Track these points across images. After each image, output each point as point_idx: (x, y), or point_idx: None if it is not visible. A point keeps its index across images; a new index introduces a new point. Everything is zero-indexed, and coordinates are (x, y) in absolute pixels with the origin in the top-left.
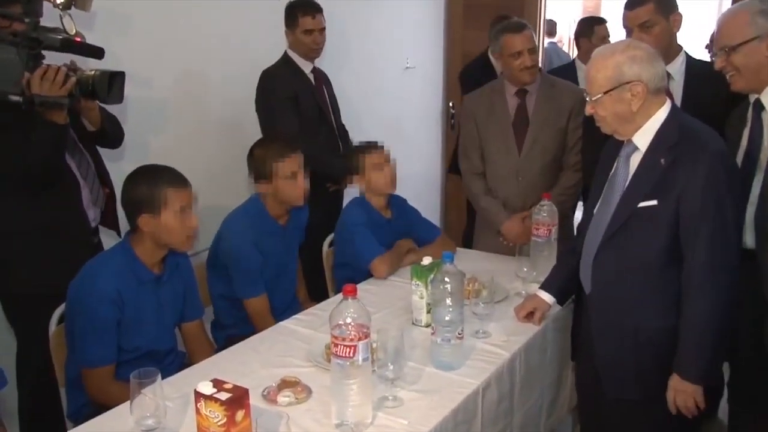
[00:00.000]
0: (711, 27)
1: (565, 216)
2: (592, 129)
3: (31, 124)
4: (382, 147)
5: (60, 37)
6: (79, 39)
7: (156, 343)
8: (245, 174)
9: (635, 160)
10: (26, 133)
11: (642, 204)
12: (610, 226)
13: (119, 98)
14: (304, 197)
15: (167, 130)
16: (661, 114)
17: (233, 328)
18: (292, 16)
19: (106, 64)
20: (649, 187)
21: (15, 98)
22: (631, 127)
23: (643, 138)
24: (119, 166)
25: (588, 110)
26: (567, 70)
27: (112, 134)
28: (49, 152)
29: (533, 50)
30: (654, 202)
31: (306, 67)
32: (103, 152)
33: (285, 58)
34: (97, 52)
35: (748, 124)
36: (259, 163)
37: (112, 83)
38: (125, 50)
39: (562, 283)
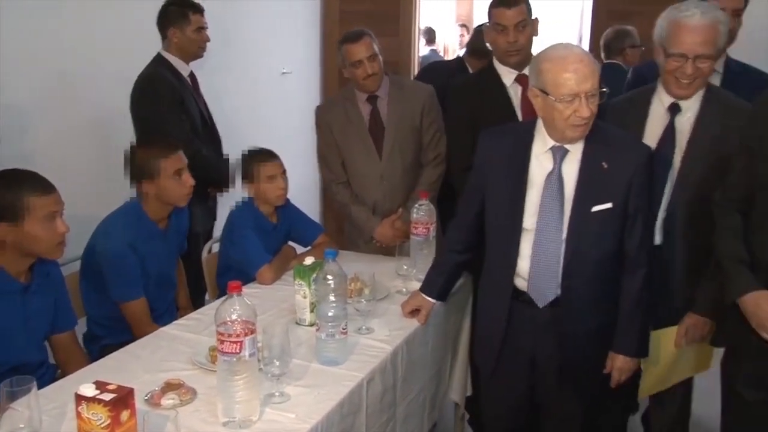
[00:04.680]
0: (572, 32)
1: None
2: (462, 132)
3: None
4: (278, 158)
5: None
6: None
7: (24, 356)
8: (119, 179)
9: (569, 164)
10: None
11: (596, 208)
12: (571, 234)
13: None
14: (188, 196)
15: (38, 132)
16: None
17: (108, 338)
18: (181, 13)
19: None
20: (599, 192)
21: None
22: None
23: (577, 141)
24: None
25: (593, 109)
26: None
27: None
28: None
29: (373, 57)
30: (609, 205)
31: (184, 70)
32: None
33: (160, 60)
34: None
35: (649, 118)
36: (143, 163)
37: None
38: None
39: (443, 284)
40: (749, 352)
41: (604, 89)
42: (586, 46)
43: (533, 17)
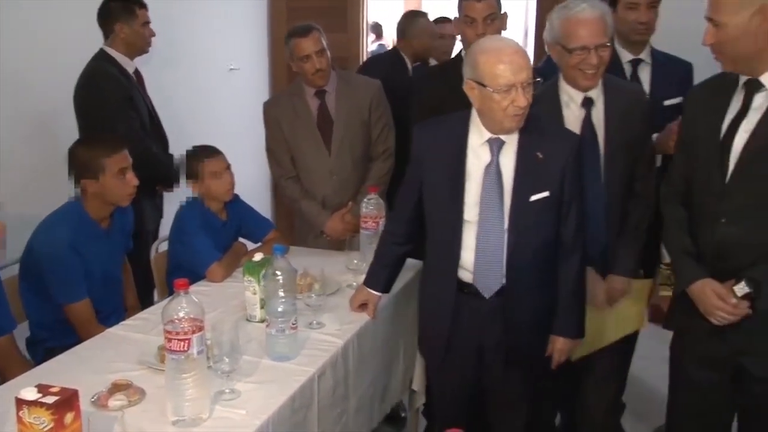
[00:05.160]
0: (518, 26)
1: None
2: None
3: None
4: (221, 153)
5: None
6: None
7: None
8: (58, 180)
9: (506, 155)
10: None
11: (534, 197)
12: (513, 224)
13: None
14: (131, 196)
15: None
16: None
17: (52, 341)
18: (128, 8)
19: None
20: (536, 181)
21: None
22: None
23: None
24: None
25: (528, 98)
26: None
27: None
28: None
29: (322, 52)
30: (546, 194)
31: (129, 67)
32: None
33: (104, 56)
34: None
35: (564, 114)
36: (86, 161)
37: None
38: None
39: (388, 276)
40: (699, 336)
41: (539, 79)
42: (531, 39)
43: (503, 11)
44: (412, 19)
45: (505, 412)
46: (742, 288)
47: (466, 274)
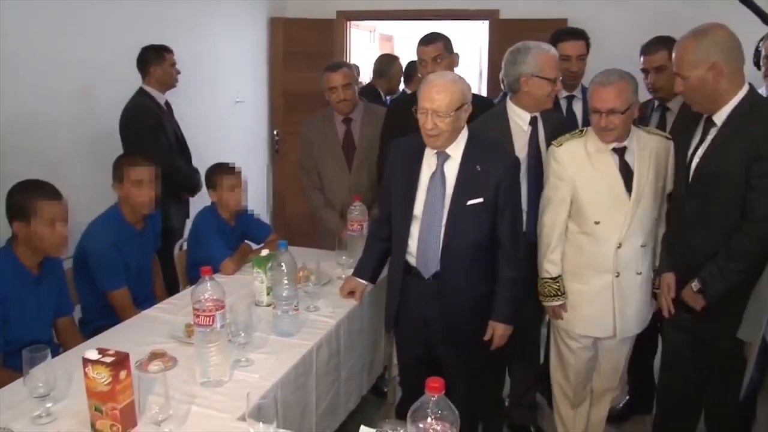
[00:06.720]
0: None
1: None
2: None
3: None
4: (238, 171)
5: None
6: None
7: (37, 335)
8: (101, 189)
9: (450, 166)
10: None
11: (471, 202)
12: (449, 221)
13: None
14: (150, 205)
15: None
16: (466, 131)
17: (100, 320)
18: (159, 54)
19: None
20: (473, 189)
21: None
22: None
23: (456, 148)
24: None
25: (437, 124)
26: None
27: None
28: None
29: (348, 86)
30: (480, 200)
31: (161, 99)
32: None
33: (143, 92)
34: None
35: (513, 131)
36: (114, 169)
37: None
38: None
39: (374, 267)
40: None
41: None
42: (485, 78)
43: (454, 52)
44: (389, 62)
45: (448, 382)
46: (696, 284)
47: (412, 259)
